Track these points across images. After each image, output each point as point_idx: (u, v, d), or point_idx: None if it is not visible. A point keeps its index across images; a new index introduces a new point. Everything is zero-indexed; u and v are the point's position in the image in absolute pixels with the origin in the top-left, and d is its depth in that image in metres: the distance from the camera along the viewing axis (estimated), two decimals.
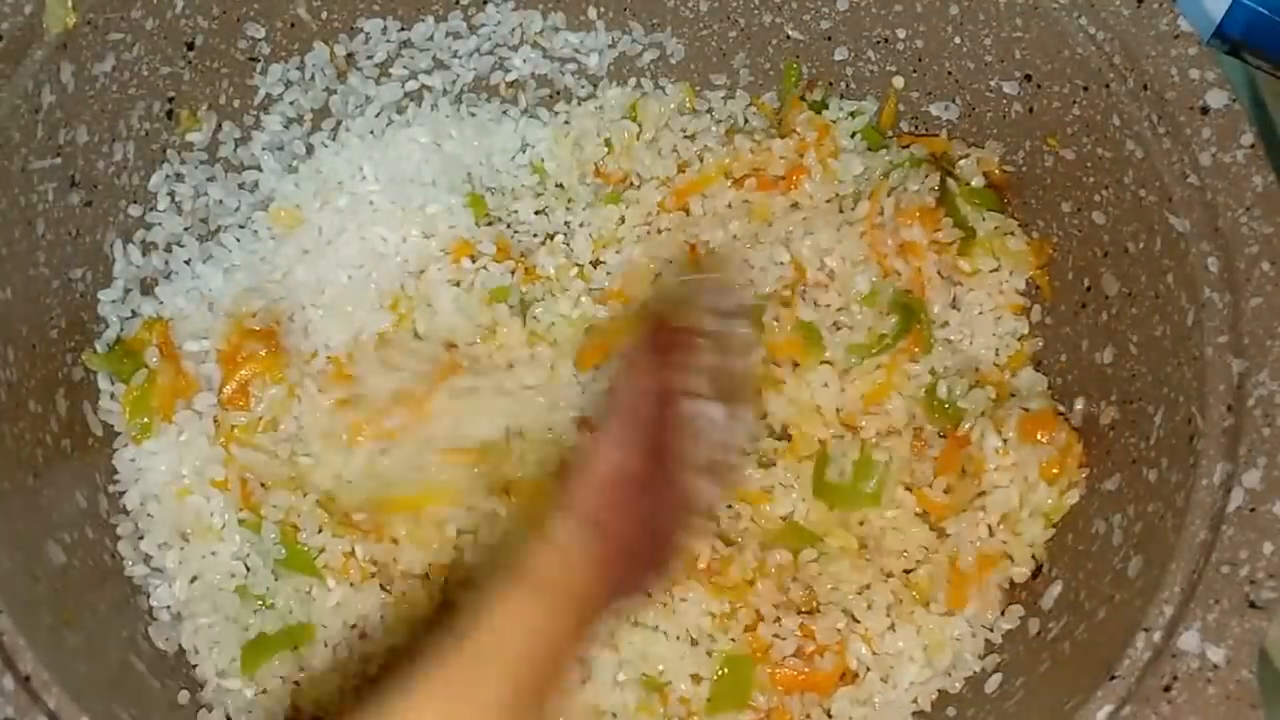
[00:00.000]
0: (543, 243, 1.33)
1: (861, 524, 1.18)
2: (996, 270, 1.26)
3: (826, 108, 1.36)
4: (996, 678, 1.10)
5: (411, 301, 1.26)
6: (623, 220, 1.31)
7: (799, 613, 1.13)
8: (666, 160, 1.34)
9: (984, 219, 1.27)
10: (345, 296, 1.26)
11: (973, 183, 1.27)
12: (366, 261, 1.27)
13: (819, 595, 1.15)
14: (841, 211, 1.29)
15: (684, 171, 1.34)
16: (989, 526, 1.15)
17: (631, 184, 1.35)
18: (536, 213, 1.35)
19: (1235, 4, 1.37)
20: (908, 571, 1.16)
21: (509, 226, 1.34)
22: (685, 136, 1.36)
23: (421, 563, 1.16)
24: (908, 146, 1.32)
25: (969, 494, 1.16)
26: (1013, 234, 1.26)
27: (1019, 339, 1.25)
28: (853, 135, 1.34)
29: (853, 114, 1.35)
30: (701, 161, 1.33)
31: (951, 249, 1.26)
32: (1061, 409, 1.18)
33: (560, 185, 1.37)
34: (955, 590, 1.13)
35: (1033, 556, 1.14)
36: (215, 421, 1.20)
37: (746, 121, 1.40)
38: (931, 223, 1.25)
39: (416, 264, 1.28)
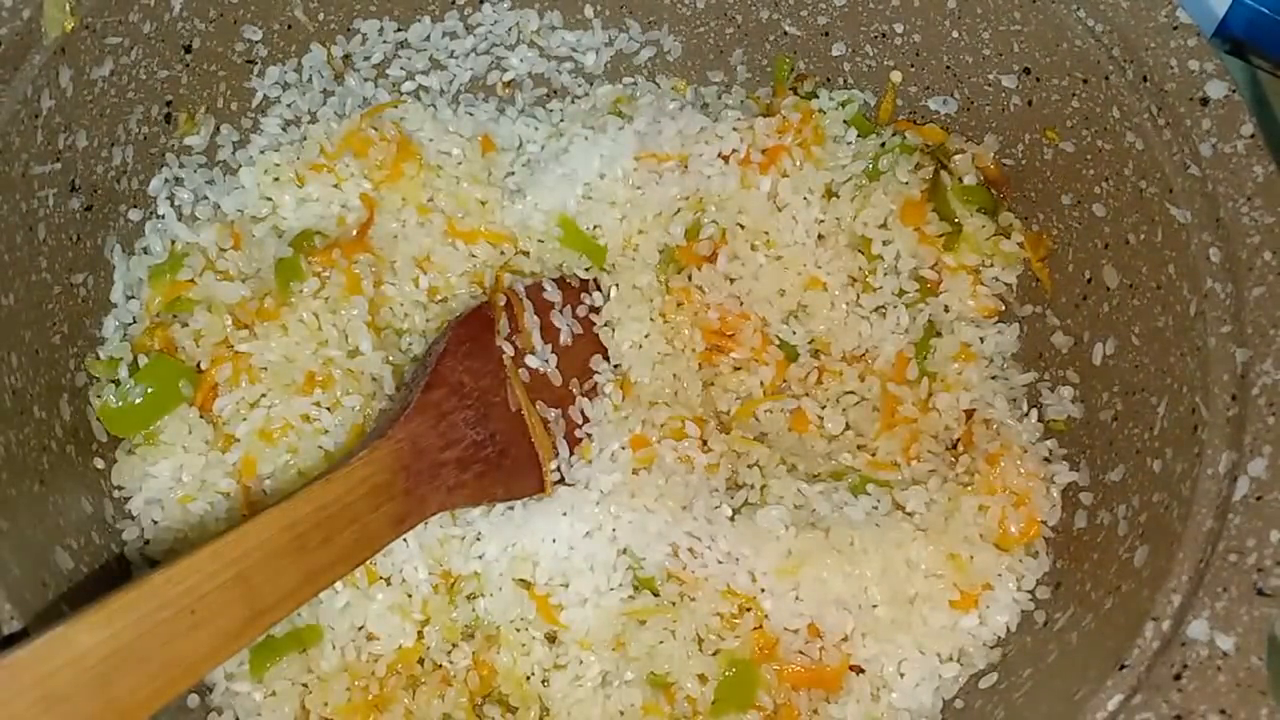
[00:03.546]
0: None
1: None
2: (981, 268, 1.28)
3: (816, 97, 1.37)
4: (1004, 670, 1.11)
5: None
6: None
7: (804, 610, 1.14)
8: None
9: (972, 216, 1.27)
10: None
11: (965, 179, 1.28)
12: None
13: (826, 591, 1.15)
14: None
15: None
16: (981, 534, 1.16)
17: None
18: None
19: (1236, 3, 1.37)
20: (914, 565, 1.16)
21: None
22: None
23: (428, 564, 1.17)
24: (902, 133, 1.32)
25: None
26: (1005, 235, 1.27)
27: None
28: (844, 123, 1.34)
29: (842, 104, 1.35)
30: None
31: (938, 242, 1.26)
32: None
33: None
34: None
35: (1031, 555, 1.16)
36: (214, 426, 1.20)
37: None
38: (916, 217, 1.26)
39: None
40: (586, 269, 1.31)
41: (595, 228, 1.32)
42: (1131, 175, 1.11)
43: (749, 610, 1.15)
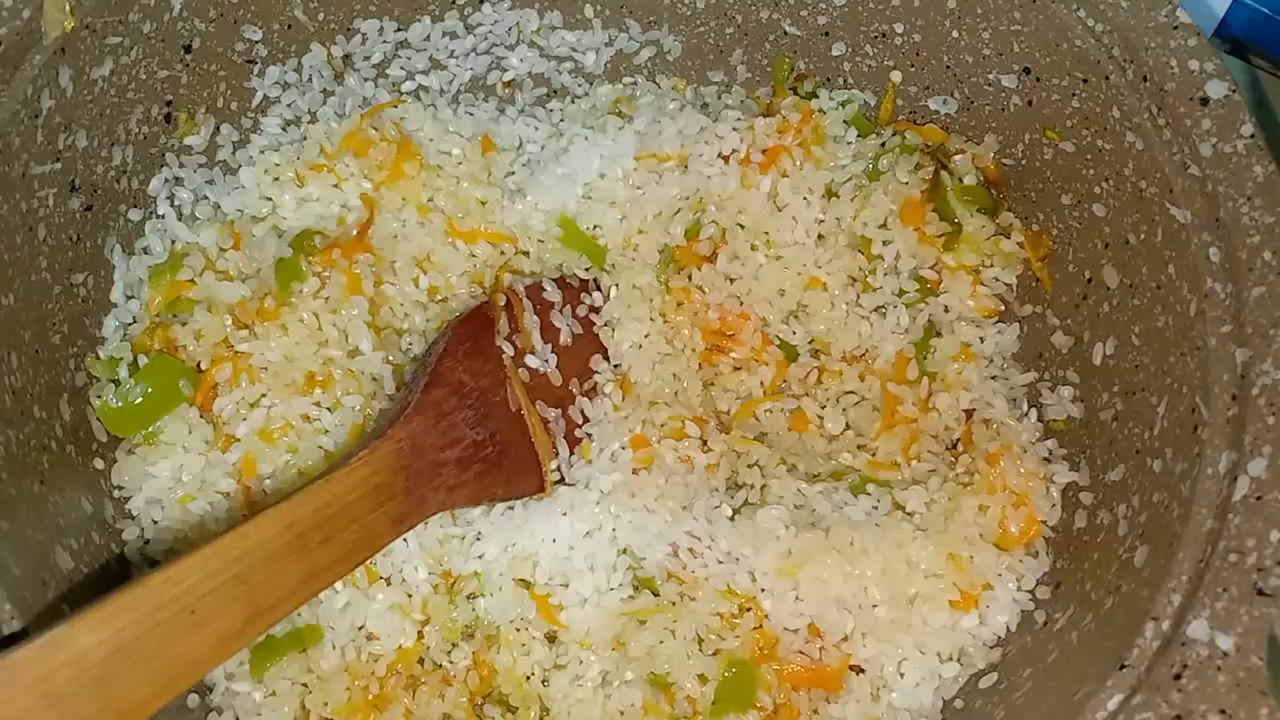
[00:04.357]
0: None
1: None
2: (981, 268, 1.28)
3: (816, 97, 1.37)
4: (1004, 670, 1.11)
5: None
6: None
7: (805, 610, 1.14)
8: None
9: (972, 216, 1.27)
10: None
11: (965, 179, 1.28)
12: None
13: (826, 591, 1.15)
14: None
15: None
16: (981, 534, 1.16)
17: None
18: None
19: (1236, 3, 1.37)
20: (914, 565, 1.16)
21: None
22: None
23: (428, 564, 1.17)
24: (902, 133, 1.32)
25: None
26: (1005, 235, 1.27)
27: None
28: (844, 123, 1.34)
29: (843, 103, 1.35)
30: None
31: (938, 242, 1.26)
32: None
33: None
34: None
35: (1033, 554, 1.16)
36: (214, 426, 1.20)
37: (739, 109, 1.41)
38: (916, 217, 1.26)
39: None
40: (586, 269, 1.31)
41: (595, 228, 1.32)
42: (1131, 175, 1.11)
43: (749, 610, 1.15)
